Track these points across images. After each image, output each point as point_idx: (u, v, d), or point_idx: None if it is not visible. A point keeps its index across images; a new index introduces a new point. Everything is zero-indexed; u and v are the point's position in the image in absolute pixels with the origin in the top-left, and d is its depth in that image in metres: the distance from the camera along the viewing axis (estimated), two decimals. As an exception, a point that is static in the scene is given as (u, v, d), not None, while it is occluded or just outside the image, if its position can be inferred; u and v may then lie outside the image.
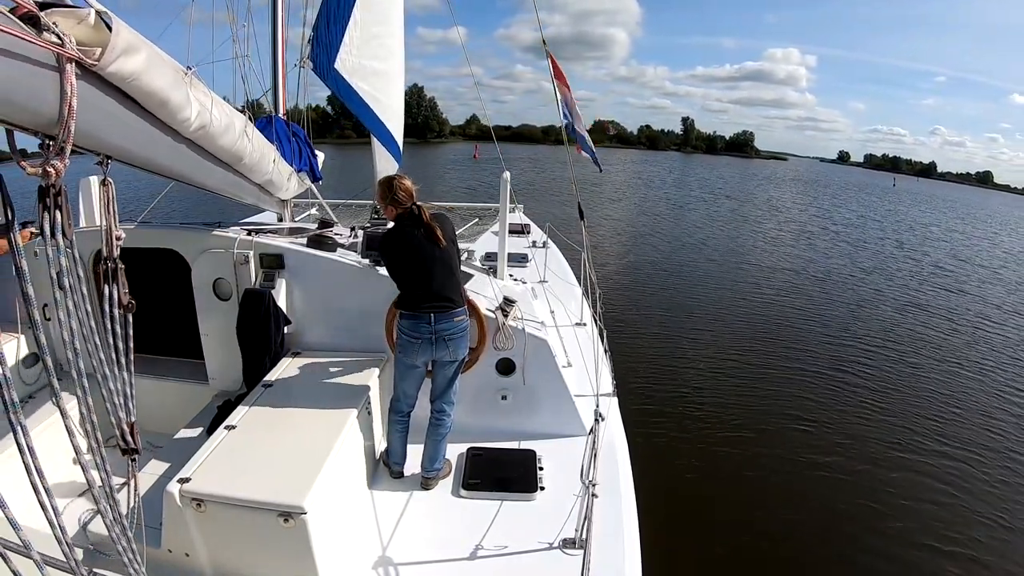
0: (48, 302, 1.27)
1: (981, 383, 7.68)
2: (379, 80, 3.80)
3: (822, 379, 7.34)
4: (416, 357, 2.56)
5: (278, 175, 3.22)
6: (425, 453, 2.67)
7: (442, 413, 2.69)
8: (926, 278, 14.41)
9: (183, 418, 2.98)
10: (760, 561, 4.08)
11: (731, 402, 6.48)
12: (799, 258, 15.60)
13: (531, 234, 6.40)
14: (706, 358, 7.74)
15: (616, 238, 16.20)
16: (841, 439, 5.84)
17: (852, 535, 4.40)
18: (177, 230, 3.13)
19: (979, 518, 4.72)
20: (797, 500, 4.78)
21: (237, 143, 2.38)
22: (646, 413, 5.90)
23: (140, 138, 1.70)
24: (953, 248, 20.81)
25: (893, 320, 10.34)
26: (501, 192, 3.53)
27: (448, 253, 2.55)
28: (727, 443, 5.57)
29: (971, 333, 9.98)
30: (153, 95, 1.61)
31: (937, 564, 4.17)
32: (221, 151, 2.30)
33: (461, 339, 2.60)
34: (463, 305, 2.61)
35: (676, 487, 4.75)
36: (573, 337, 3.64)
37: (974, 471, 5.42)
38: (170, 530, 2.01)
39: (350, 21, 3.44)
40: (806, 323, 9.68)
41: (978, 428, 6.34)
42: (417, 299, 2.52)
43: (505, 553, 2.20)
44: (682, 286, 11.54)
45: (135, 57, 1.45)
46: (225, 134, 2.22)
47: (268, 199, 3.48)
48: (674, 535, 4.04)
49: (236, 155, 2.45)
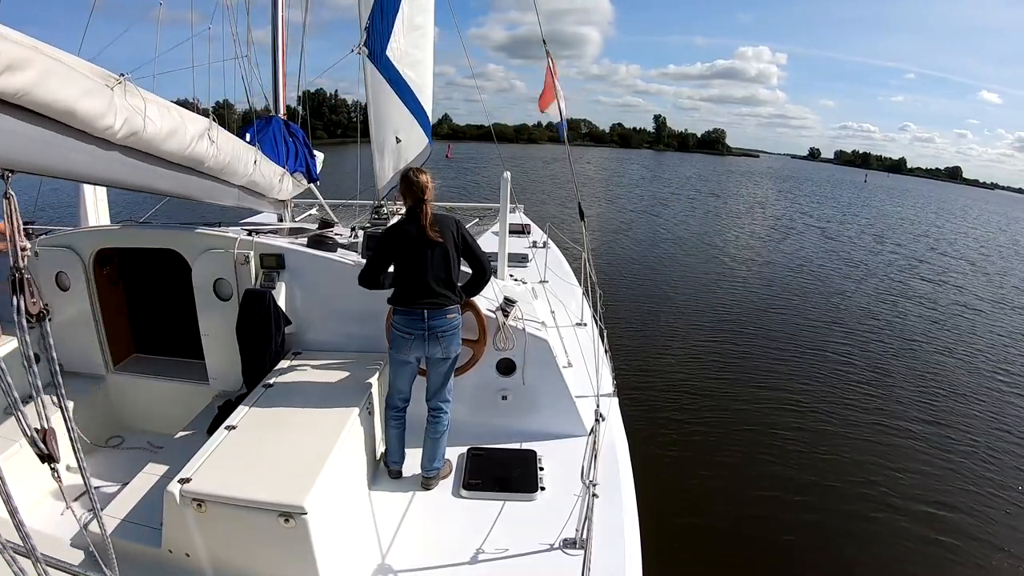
0: (49, 302, 1.27)
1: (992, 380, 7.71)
2: (419, 68, 4.10)
3: (824, 378, 7.35)
4: (409, 353, 2.58)
5: (262, 177, 3.18)
6: (424, 453, 2.67)
7: (439, 411, 2.70)
8: (937, 272, 14.77)
9: (183, 418, 2.97)
10: (760, 561, 4.08)
11: (732, 402, 6.48)
12: (794, 256, 15.69)
13: (531, 234, 6.40)
14: (707, 358, 7.74)
15: (614, 237, 16.21)
16: (845, 438, 5.85)
17: (852, 535, 4.41)
18: (177, 230, 3.12)
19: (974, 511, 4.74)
20: (798, 499, 4.78)
21: (192, 147, 2.33)
22: (646, 413, 5.90)
23: (48, 149, 1.68)
24: (933, 242, 21.76)
25: (893, 319, 10.37)
26: (501, 192, 3.52)
27: (445, 251, 2.56)
28: (728, 443, 5.57)
29: (965, 321, 10.13)
30: (54, 106, 1.59)
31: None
32: (171, 155, 2.27)
33: (453, 336, 2.61)
34: (457, 303, 2.62)
35: (676, 487, 4.75)
36: (573, 337, 3.64)
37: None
38: (170, 530, 2.01)
39: (399, 12, 3.77)
40: (806, 323, 9.69)
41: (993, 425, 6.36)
42: (412, 295, 2.54)
43: (505, 553, 2.20)
44: (682, 286, 11.55)
45: (24, 73, 1.43)
46: (170, 138, 2.18)
47: (258, 200, 3.47)
48: (674, 535, 4.04)
49: (193, 159, 2.40)
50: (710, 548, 4.13)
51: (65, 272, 3.15)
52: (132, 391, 3.34)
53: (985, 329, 10.40)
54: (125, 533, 2.08)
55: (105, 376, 3.35)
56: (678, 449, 5.39)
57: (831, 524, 4.51)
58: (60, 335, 3.29)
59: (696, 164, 65.38)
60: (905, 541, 4.39)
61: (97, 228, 3.62)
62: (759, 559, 4.09)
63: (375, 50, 3.71)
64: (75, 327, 3.24)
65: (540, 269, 4.64)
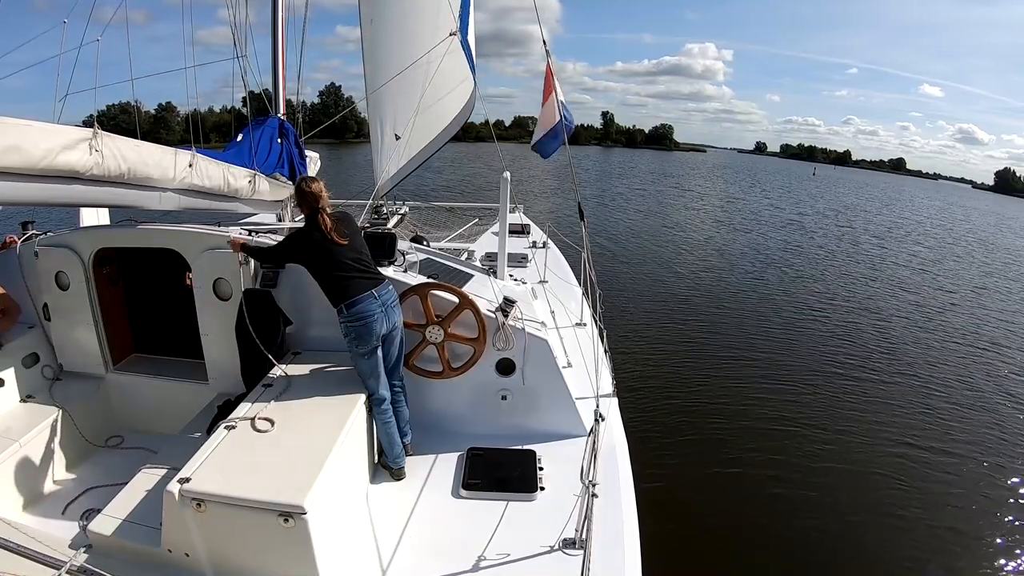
0: (49, 302, 1.27)
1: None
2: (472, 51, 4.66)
3: (824, 377, 7.35)
4: (374, 336, 2.63)
5: (207, 179, 3.11)
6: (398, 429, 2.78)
7: (400, 382, 2.87)
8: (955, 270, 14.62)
9: (183, 418, 2.98)
10: (760, 560, 4.08)
11: (732, 402, 6.48)
12: (791, 254, 15.66)
13: (531, 234, 6.40)
14: (707, 358, 7.74)
15: (612, 237, 16.21)
16: (846, 438, 5.85)
17: (853, 533, 4.41)
18: (177, 230, 3.12)
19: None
20: (798, 499, 4.79)
21: (62, 157, 2.23)
22: (646, 413, 5.90)
23: None
24: (917, 235, 22.89)
25: (894, 318, 10.36)
26: (501, 192, 3.52)
27: (355, 244, 2.69)
28: (727, 443, 5.57)
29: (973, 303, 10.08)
30: None
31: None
32: (48, 171, 2.22)
33: (398, 306, 2.77)
34: (386, 278, 2.78)
35: (676, 487, 4.75)
36: (573, 337, 3.64)
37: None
38: (170, 530, 2.01)
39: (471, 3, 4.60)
40: (806, 321, 9.68)
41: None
42: (354, 286, 2.61)
43: (505, 553, 2.20)
44: (682, 287, 11.54)
45: None
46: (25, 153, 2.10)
47: (228, 202, 3.44)
48: (674, 535, 4.04)
49: (72, 169, 2.32)
50: (710, 548, 4.13)
51: (65, 272, 3.15)
52: (132, 391, 3.34)
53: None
54: (125, 533, 2.08)
55: (105, 376, 3.34)
56: (678, 449, 5.39)
57: (831, 524, 4.51)
58: (60, 335, 3.29)
59: (646, 159, 66.34)
60: (905, 541, 4.39)
61: (97, 228, 3.62)
62: (759, 559, 4.09)
63: (463, 33, 4.36)
64: (75, 327, 3.24)
65: (540, 269, 4.63)
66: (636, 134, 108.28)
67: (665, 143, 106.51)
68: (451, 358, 3.01)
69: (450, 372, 3.02)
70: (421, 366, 3.05)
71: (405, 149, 5.32)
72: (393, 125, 5.31)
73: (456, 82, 5.11)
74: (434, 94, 4.87)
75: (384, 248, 3.18)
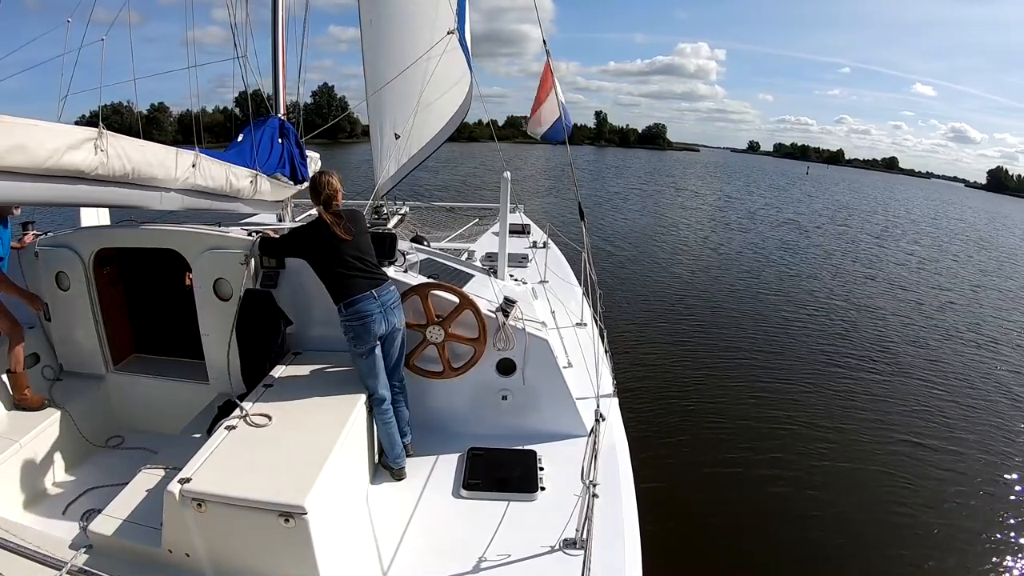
0: (49, 302, 1.27)
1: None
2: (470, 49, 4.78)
3: (826, 376, 7.35)
4: (373, 336, 2.63)
5: (210, 179, 3.12)
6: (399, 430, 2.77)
7: (401, 383, 2.86)
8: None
9: (183, 418, 2.97)
10: (761, 559, 4.08)
11: (732, 402, 6.48)
12: (788, 253, 15.70)
13: (531, 234, 6.40)
14: (707, 358, 7.74)
15: (611, 237, 16.21)
16: (848, 437, 5.86)
17: (853, 533, 4.41)
18: (178, 230, 3.12)
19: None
20: (799, 499, 4.79)
21: (68, 157, 2.23)
22: (646, 413, 5.90)
23: None
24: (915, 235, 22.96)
25: (893, 317, 10.38)
26: (501, 192, 3.52)
27: (359, 241, 2.70)
28: (728, 442, 5.58)
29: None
30: None
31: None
32: (54, 171, 2.22)
33: (399, 306, 2.77)
34: (389, 278, 2.78)
35: (676, 487, 4.75)
36: (574, 337, 3.64)
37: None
38: (170, 530, 2.01)
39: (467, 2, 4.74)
40: (805, 320, 9.69)
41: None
42: (357, 284, 2.61)
43: (506, 553, 2.20)
44: (682, 287, 11.54)
45: None
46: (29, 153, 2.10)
47: (230, 202, 3.44)
48: (674, 534, 4.05)
49: (77, 169, 2.33)
50: (710, 548, 4.14)
51: (65, 272, 3.14)
52: (132, 391, 3.34)
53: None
54: (125, 533, 2.08)
55: (105, 376, 3.34)
56: (678, 449, 5.39)
57: (831, 522, 4.51)
58: (60, 335, 3.29)
59: (640, 159, 66.48)
60: (905, 539, 4.40)
61: (97, 228, 3.62)
62: (760, 558, 4.09)
63: (460, 32, 4.50)
64: (75, 327, 3.24)
65: (540, 269, 4.63)
66: (629, 134, 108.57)
67: (658, 142, 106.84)
68: (451, 358, 3.01)
69: (451, 372, 3.02)
70: (422, 366, 3.05)
71: (405, 148, 5.32)
72: (393, 125, 5.31)
73: (454, 80, 5.11)
74: (433, 92, 4.87)
75: (385, 248, 3.18)
